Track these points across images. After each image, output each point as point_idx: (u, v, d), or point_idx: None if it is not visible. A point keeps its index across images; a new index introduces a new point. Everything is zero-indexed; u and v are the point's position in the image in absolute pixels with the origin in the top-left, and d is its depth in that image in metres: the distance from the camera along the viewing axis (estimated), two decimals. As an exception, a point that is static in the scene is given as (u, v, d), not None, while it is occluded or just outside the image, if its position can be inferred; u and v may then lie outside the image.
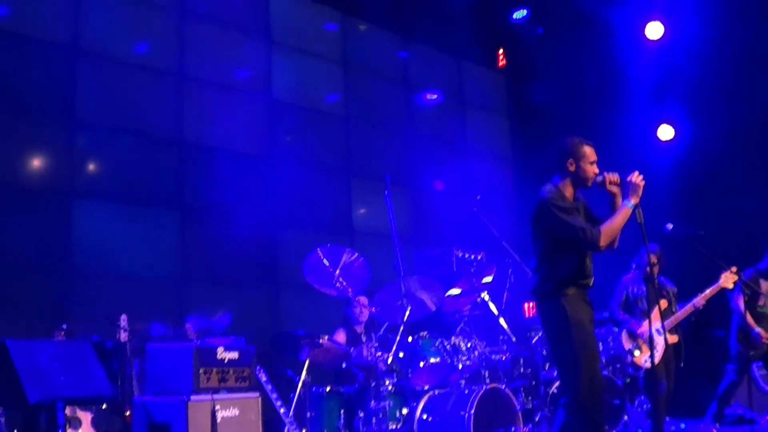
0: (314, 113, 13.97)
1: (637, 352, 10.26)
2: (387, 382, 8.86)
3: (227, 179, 12.09)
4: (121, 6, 11.63)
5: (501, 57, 17.34)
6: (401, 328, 9.03)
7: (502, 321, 9.84)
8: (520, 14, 16.16)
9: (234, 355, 7.85)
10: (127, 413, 8.51)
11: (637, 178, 6.76)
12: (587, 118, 15.49)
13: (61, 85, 10.89)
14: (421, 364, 9.03)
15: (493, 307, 9.87)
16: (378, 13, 14.08)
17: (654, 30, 15.24)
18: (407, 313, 9.05)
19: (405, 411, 8.90)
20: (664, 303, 10.13)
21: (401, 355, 8.99)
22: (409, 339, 9.11)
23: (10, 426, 7.81)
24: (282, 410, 8.39)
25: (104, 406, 8.07)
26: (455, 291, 10.07)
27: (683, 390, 11.36)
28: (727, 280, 10.23)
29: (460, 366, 9.17)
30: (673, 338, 10.11)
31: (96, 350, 7.82)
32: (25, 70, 10.49)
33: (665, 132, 15.46)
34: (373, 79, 15.08)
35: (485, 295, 9.89)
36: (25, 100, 10.46)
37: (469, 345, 9.35)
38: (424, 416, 8.76)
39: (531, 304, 12.66)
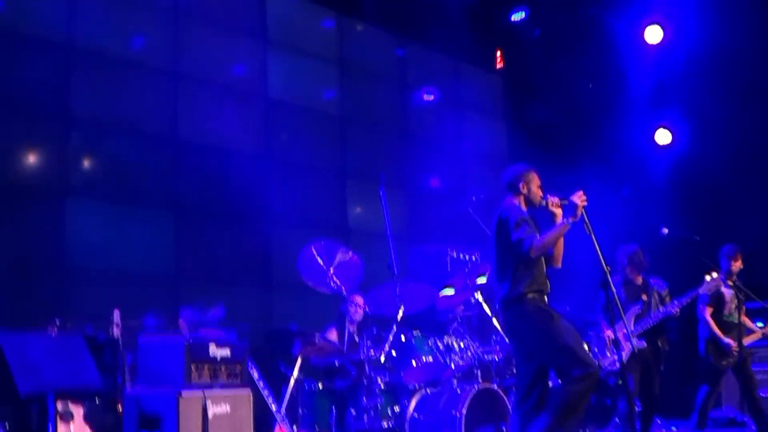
0: (310, 112, 13.94)
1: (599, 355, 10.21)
2: (379, 380, 8.87)
3: (222, 178, 12.08)
4: (116, 3, 11.58)
5: (499, 59, 17.29)
6: (394, 326, 9.04)
7: (495, 321, 9.82)
8: (518, 15, 16.11)
9: (226, 351, 7.83)
10: (119, 407, 8.47)
11: (579, 198, 7.09)
12: (584, 121, 15.52)
13: (55, 83, 10.82)
14: (414, 362, 9.01)
15: (486, 307, 9.86)
16: (375, 13, 14.03)
17: (653, 34, 15.22)
18: (400, 311, 9.08)
19: (396, 408, 8.91)
20: (634, 311, 10.05)
21: (394, 352, 8.98)
22: (402, 337, 9.09)
23: (1, 419, 7.77)
24: (273, 406, 8.40)
25: (96, 400, 8.01)
26: (449, 290, 10.07)
27: (675, 391, 11.35)
28: (710, 286, 10.08)
29: (453, 365, 9.15)
30: (640, 343, 9.90)
31: (88, 343, 7.84)
32: (19, 68, 10.41)
33: (663, 136, 15.46)
34: (370, 78, 15.02)
35: (479, 295, 9.88)
36: (18, 98, 10.38)
37: (462, 344, 9.33)
38: (416, 414, 8.76)
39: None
